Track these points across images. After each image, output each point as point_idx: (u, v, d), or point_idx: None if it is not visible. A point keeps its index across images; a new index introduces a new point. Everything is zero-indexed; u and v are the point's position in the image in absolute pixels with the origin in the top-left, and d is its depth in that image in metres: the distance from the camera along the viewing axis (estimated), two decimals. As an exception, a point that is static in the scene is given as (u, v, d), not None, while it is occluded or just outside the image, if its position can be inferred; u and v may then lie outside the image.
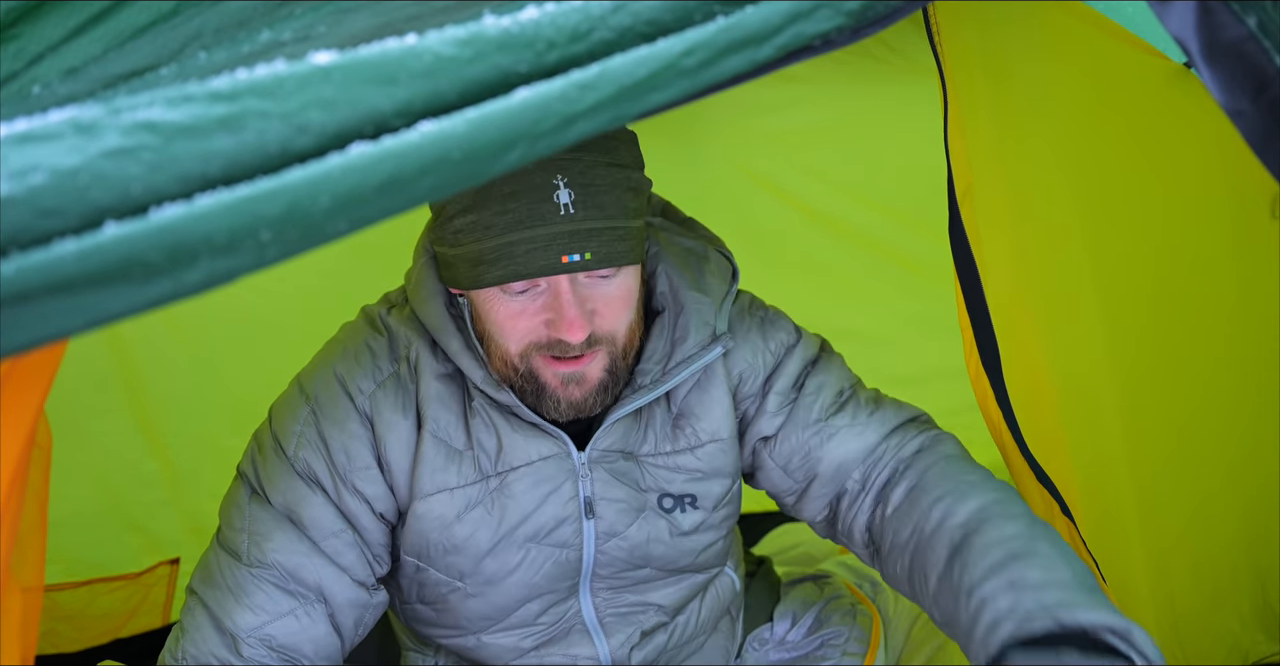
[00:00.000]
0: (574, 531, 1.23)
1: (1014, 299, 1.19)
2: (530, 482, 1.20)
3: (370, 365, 1.22)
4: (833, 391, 1.29)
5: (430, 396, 1.20)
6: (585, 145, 1.10)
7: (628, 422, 1.23)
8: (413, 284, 1.22)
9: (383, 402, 1.20)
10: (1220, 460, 1.40)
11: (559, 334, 1.09)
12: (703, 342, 1.22)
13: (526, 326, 1.11)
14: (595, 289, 1.11)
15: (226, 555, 1.18)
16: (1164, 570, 1.39)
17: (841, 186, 2.30)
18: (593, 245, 1.07)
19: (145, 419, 2.00)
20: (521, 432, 1.20)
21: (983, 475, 1.20)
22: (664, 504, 1.26)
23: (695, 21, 0.59)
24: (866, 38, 0.68)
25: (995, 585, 1.02)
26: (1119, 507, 1.35)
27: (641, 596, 1.30)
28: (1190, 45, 0.73)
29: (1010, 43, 1.14)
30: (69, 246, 0.46)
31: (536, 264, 1.07)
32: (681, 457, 1.26)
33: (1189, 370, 1.36)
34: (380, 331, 1.25)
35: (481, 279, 1.10)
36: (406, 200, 0.53)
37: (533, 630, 1.28)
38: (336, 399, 1.20)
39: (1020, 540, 1.06)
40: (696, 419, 1.26)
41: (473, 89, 0.54)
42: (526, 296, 1.10)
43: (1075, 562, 1.04)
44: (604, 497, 1.23)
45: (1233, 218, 1.28)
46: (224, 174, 0.49)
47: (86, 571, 1.95)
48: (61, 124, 0.47)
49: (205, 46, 0.68)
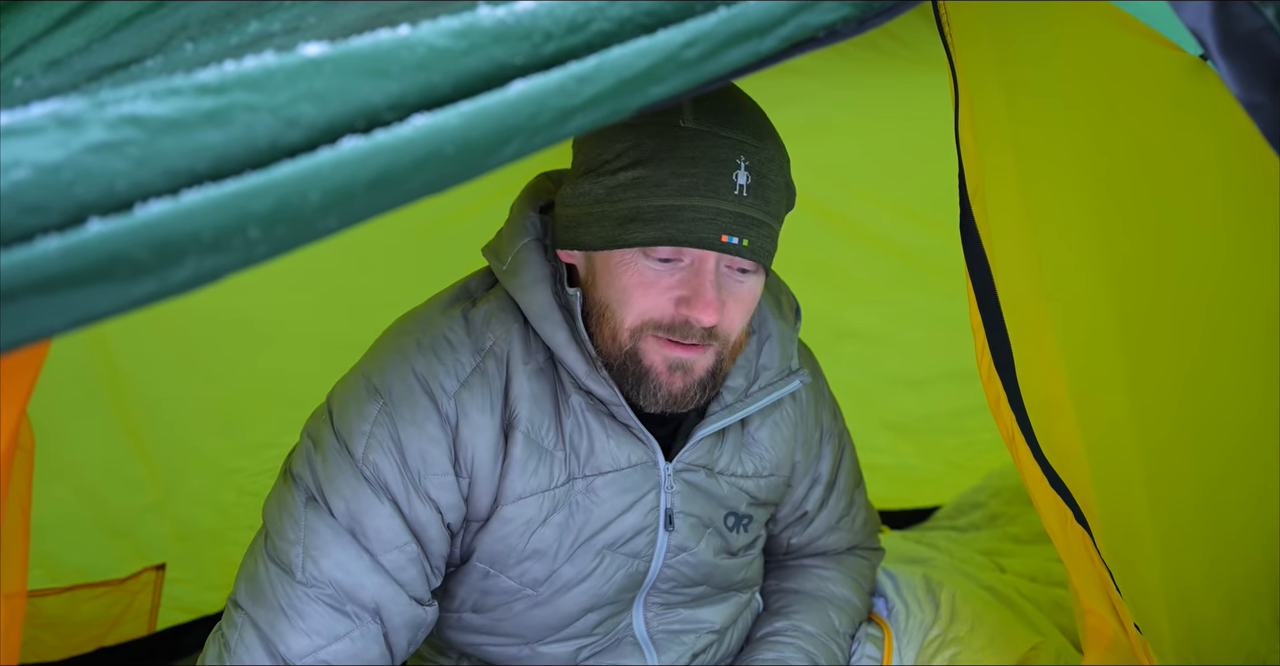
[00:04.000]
0: (649, 542, 1.23)
1: (1028, 298, 1.19)
2: (616, 489, 1.19)
3: (452, 361, 1.15)
4: (846, 500, 1.50)
5: (523, 394, 1.15)
6: (765, 136, 1.12)
7: (710, 438, 1.25)
8: (511, 267, 1.17)
9: (469, 404, 1.14)
10: (1239, 466, 1.40)
11: (692, 312, 1.08)
12: (781, 373, 1.27)
13: (655, 301, 1.09)
14: (730, 281, 1.11)
15: (278, 569, 1.11)
16: (1180, 577, 1.39)
17: (847, 182, 2.30)
18: (752, 234, 1.08)
19: (130, 421, 2.00)
20: (615, 437, 1.18)
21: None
22: (728, 522, 1.30)
23: (696, 12, 0.59)
24: (873, 29, 0.68)
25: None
26: (1135, 514, 1.34)
27: (693, 613, 1.32)
28: (1206, 37, 0.73)
29: (1022, 34, 1.14)
30: (52, 244, 0.46)
31: (697, 234, 1.06)
32: (747, 482, 1.30)
33: (1208, 372, 1.35)
34: (459, 322, 1.18)
35: (629, 238, 1.07)
36: (399, 196, 0.53)
37: (587, 641, 1.28)
38: (415, 399, 1.14)
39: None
40: (765, 449, 1.31)
41: (467, 82, 0.54)
42: (666, 267, 1.09)
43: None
44: (682, 511, 1.24)
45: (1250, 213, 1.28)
46: (211, 169, 0.49)
47: (70, 576, 1.95)
48: (44, 117, 0.47)
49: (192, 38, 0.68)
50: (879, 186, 2.36)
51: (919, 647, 1.52)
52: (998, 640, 1.54)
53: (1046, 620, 1.66)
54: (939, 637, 1.54)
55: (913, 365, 2.49)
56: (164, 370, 2.00)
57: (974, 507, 2.21)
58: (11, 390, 0.78)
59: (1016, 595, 1.72)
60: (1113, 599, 1.27)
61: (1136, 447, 1.33)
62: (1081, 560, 1.26)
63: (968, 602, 1.62)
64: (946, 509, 2.28)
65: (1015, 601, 1.70)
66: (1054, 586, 1.77)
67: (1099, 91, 1.20)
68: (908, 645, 1.52)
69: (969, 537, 2.07)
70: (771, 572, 1.51)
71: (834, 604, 1.45)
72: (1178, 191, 1.26)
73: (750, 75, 0.66)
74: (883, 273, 2.45)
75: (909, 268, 2.41)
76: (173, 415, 2.01)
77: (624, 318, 1.11)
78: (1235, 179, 1.23)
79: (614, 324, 1.11)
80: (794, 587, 1.47)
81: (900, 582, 1.66)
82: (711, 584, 1.31)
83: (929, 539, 2.06)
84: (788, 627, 1.40)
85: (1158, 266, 1.30)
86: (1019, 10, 1.12)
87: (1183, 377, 1.34)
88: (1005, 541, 2.03)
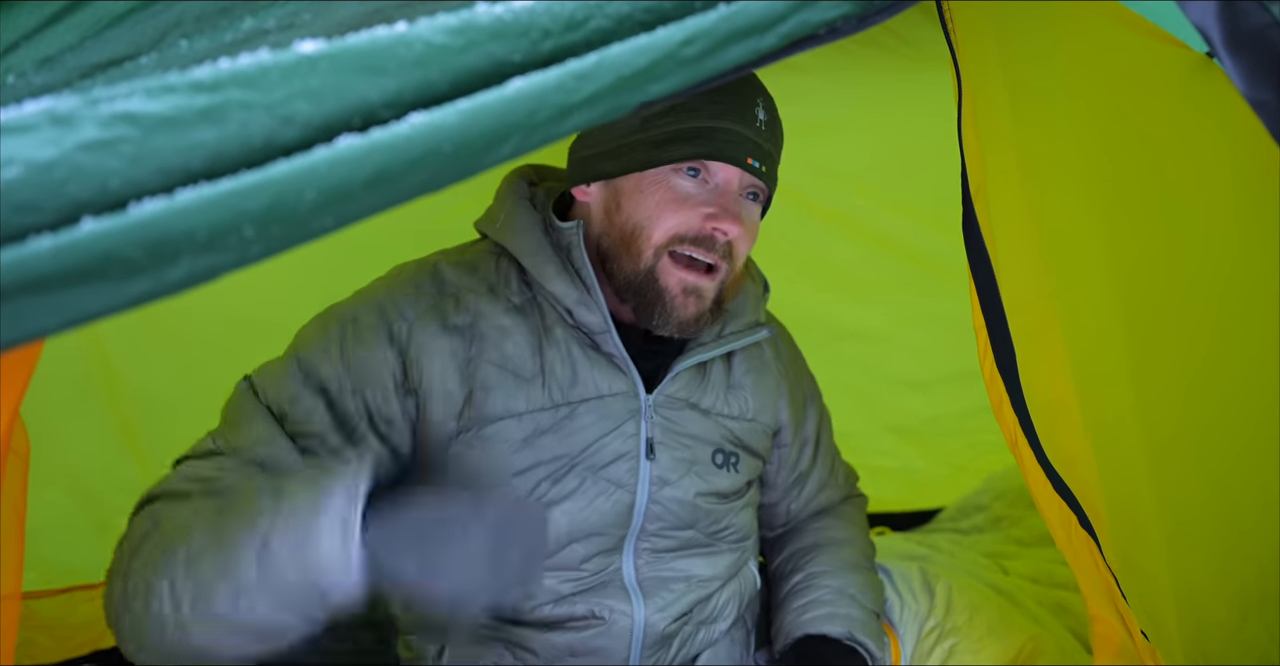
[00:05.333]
0: (630, 470, 1.29)
1: (1032, 298, 1.19)
2: (596, 416, 1.27)
3: (414, 294, 1.26)
4: (829, 459, 1.60)
5: (494, 328, 1.25)
6: (767, 92, 1.32)
7: (691, 374, 1.36)
8: (504, 222, 1.31)
9: (419, 330, 1.23)
10: (1248, 466, 1.40)
11: (719, 224, 1.21)
12: (750, 324, 1.41)
13: (686, 215, 1.22)
14: (745, 204, 1.26)
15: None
16: (1189, 580, 1.38)
17: (848, 180, 2.30)
18: (767, 164, 1.26)
19: (125, 422, 2.00)
20: (597, 367, 1.27)
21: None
22: (716, 459, 1.37)
23: (696, 9, 0.59)
24: (874, 26, 0.68)
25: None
26: (1141, 516, 1.34)
27: (683, 563, 1.36)
28: (1212, 34, 0.73)
29: (1025, 31, 1.13)
30: (45, 243, 0.45)
31: (730, 153, 1.22)
32: (733, 423, 1.39)
33: (1215, 371, 1.35)
34: (427, 270, 1.30)
35: (670, 155, 1.21)
36: (395, 195, 0.53)
37: (574, 575, 1.30)
38: (372, 323, 1.23)
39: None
40: (750, 394, 1.42)
41: (465, 79, 0.54)
42: (695, 183, 1.23)
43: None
44: (663, 442, 1.32)
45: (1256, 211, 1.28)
46: (206, 167, 0.49)
47: (65, 578, 1.95)
48: (37, 115, 0.47)
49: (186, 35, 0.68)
50: (880, 185, 2.36)
51: (916, 639, 1.53)
52: (996, 629, 1.55)
53: (1050, 616, 1.66)
54: (936, 628, 1.54)
55: (915, 366, 2.49)
56: (159, 371, 2.00)
57: (976, 510, 2.21)
58: (4, 391, 0.78)
59: (1019, 593, 1.73)
60: (1118, 605, 1.27)
61: (1142, 448, 1.33)
62: (1086, 566, 1.26)
63: (964, 594, 1.62)
64: (949, 511, 2.28)
65: (1017, 597, 1.70)
66: (1057, 588, 1.77)
67: (1104, 89, 1.20)
68: (905, 636, 1.53)
69: (971, 540, 2.07)
70: (774, 545, 1.60)
71: (839, 543, 1.55)
72: (1183, 190, 1.26)
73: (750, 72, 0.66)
74: (885, 272, 2.45)
75: (911, 267, 2.41)
76: (168, 416, 2.01)
77: (652, 233, 1.22)
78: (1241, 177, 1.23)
79: (639, 243, 1.23)
80: (800, 545, 1.56)
81: (896, 576, 1.67)
82: (700, 528, 1.36)
83: (931, 541, 2.06)
84: (803, 578, 1.50)
85: (1163, 265, 1.30)
86: (1023, 7, 1.12)
87: (1190, 377, 1.34)
88: (1008, 544, 2.03)
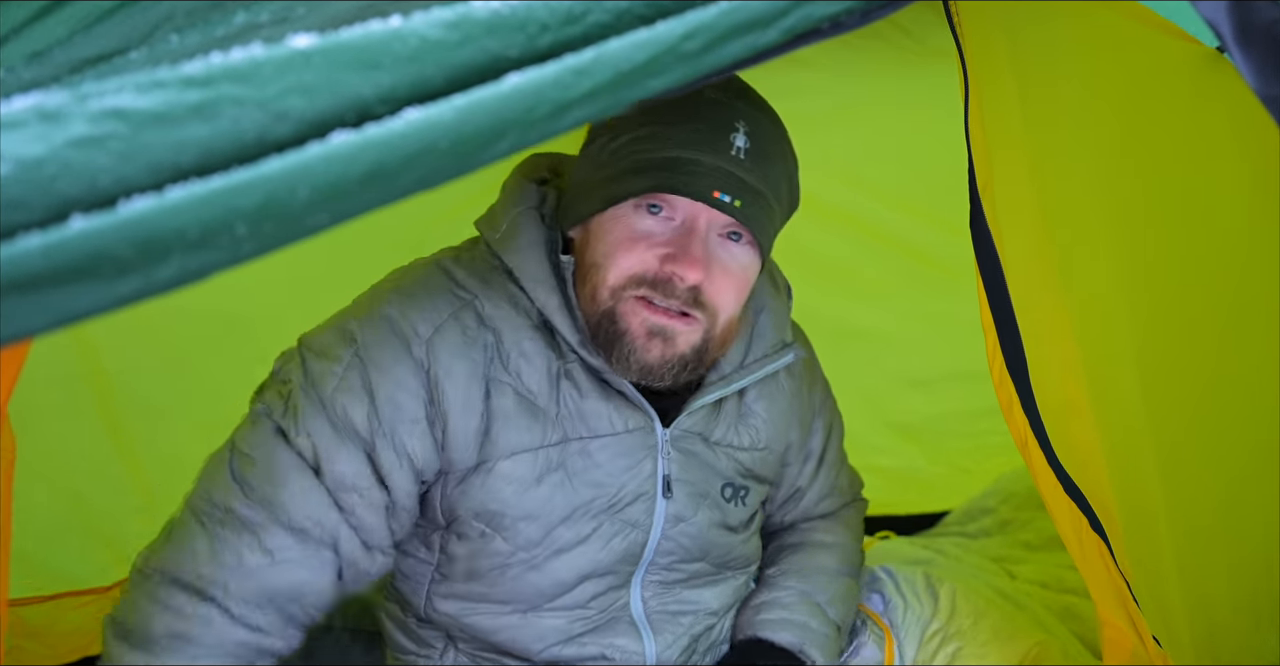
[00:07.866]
0: (647, 510, 1.26)
1: (1041, 297, 1.19)
2: (612, 453, 1.23)
3: (428, 306, 1.18)
4: (833, 472, 1.55)
5: (517, 351, 1.18)
6: (763, 110, 1.18)
7: (708, 408, 1.30)
8: (506, 233, 1.20)
9: (441, 349, 1.16)
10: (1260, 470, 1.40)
11: (676, 267, 1.10)
12: (775, 346, 1.33)
13: (641, 255, 1.11)
14: (721, 250, 1.15)
15: (237, 487, 1.15)
16: (1201, 584, 1.38)
17: (852, 177, 2.30)
18: (746, 198, 1.12)
19: (114, 423, 2.00)
20: (612, 401, 1.22)
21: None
22: (725, 493, 1.33)
23: (697, 3, 0.59)
24: (878, 20, 0.68)
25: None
26: (1153, 519, 1.34)
27: (691, 593, 1.34)
28: (1223, 29, 0.73)
29: (1034, 26, 1.13)
30: (33, 241, 0.45)
31: (691, 186, 1.10)
32: (742, 454, 1.35)
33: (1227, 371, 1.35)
34: (437, 273, 1.22)
35: (625, 188, 1.11)
36: (390, 192, 0.53)
37: (582, 614, 1.29)
38: (388, 343, 1.16)
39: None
40: (762, 422, 1.36)
41: (461, 74, 0.54)
42: (656, 221, 1.12)
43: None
44: (680, 478, 1.28)
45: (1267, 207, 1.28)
46: (197, 164, 0.49)
47: (53, 584, 1.95)
48: (25, 111, 0.47)
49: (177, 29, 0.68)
50: (885, 182, 2.35)
51: (919, 642, 1.53)
52: (1001, 633, 1.55)
53: (1057, 621, 1.66)
54: (940, 632, 1.55)
55: (920, 365, 2.49)
56: (149, 371, 2.00)
57: (984, 513, 2.21)
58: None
59: (1026, 598, 1.73)
60: (1130, 610, 1.26)
61: (1152, 449, 1.33)
62: (1097, 569, 1.26)
63: (969, 598, 1.62)
64: (955, 514, 2.28)
65: (1023, 602, 1.70)
66: (1066, 593, 1.77)
67: (1113, 84, 1.20)
68: (907, 639, 1.53)
69: (979, 544, 2.07)
70: (765, 541, 1.57)
71: (822, 546, 1.52)
72: (1194, 185, 1.26)
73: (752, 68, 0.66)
74: (890, 270, 2.45)
75: (916, 265, 2.41)
76: (158, 418, 2.01)
77: (607, 274, 1.13)
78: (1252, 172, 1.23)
79: (595, 282, 1.14)
80: (785, 542, 1.55)
81: (900, 580, 1.67)
82: (710, 560, 1.34)
83: (936, 545, 2.06)
84: (774, 572, 1.48)
85: (1174, 262, 1.30)
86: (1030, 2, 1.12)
87: (1202, 377, 1.34)
88: (1016, 548, 2.03)
